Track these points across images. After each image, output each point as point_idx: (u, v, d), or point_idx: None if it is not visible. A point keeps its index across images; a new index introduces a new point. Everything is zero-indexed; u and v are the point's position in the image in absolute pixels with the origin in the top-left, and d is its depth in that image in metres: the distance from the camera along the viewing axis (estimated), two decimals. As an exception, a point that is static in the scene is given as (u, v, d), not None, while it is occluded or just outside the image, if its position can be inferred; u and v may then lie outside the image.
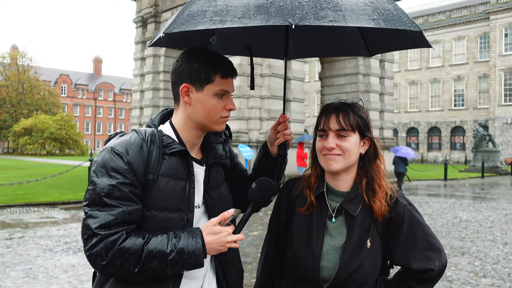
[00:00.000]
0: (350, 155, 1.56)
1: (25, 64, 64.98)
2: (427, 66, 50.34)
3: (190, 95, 1.51)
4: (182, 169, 1.50)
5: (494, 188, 20.30)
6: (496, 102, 44.01)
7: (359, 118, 1.58)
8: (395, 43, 1.90)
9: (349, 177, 1.62)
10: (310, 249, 1.56)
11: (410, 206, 1.61)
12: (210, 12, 1.36)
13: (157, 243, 1.37)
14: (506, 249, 7.54)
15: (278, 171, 1.78)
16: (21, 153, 56.38)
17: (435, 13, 50.82)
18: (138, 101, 25.05)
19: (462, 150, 47.30)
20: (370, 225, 1.57)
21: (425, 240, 1.58)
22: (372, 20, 1.35)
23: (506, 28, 43.89)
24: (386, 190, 1.60)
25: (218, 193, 1.62)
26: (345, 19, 1.32)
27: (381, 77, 23.32)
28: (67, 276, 5.64)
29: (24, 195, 13.62)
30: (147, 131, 1.51)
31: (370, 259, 1.54)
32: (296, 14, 1.28)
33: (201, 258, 1.40)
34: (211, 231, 1.43)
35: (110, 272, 1.38)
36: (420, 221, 1.60)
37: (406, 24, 1.42)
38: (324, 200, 1.62)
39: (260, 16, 1.29)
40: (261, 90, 18.38)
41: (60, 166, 27.40)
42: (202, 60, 1.50)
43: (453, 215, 11.52)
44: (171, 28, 1.44)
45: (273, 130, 1.79)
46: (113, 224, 1.35)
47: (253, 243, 7.64)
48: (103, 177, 1.38)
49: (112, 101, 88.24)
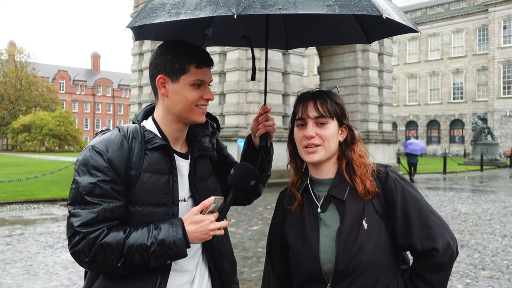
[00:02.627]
0: (329, 143, 1.54)
1: (23, 61, 64.78)
2: (426, 59, 50.27)
3: (167, 86, 1.52)
4: (164, 163, 1.51)
5: (493, 181, 20.35)
6: (495, 95, 44.01)
7: (336, 105, 1.56)
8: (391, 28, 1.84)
9: (332, 164, 1.59)
10: (307, 244, 1.53)
11: (402, 180, 1.55)
12: (169, 5, 1.38)
13: (137, 236, 1.38)
14: (505, 241, 7.57)
15: (260, 162, 1.77)
16: (20, 150, 56.35)
17: (434, 5, 50.67)
18: (137, 97, 25.01)
19: (461, 143, 47.35)
20: (363, 206, 1.51)
21: (423, 215, 1.49)
22: (326, 6, 1.29)
23: (505, 20, 43.80)
24: (366, 167, 1.55)
25: (205, 186, 1.62)
26: (295, 6, 1.26)
27: (380, 70, 23.27)
28: (67, 272, 5.65)
29: (23, 192, 13.63)
30: (130, 127, 1.52)
31: (371, 240, 1.47)
32: (241, 3, 1.26)
33: (183, 248, 1.40)
34: (192, 220, 1.43)
35: (94, 268, 1.42)
36: (414, 195, 1.52)
37: (365, 9, 1.30)
38: (310, 192, 1.59)
39: (209, 7, 1.30)
40: (260, 85, 18.34)
41: (59, 163, 27.39)
42: (176, 52, 1.52)
43: (452, 208, 11.54)
44: (133, 22, 1.48)
45: (255, 121, 1.79)
46: (94, 221, 1.37)
47: (253, 238, 7.66)
48: (84, 176, 1.40)
49: (111, 97, 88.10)
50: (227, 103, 18.60)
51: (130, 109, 26.05)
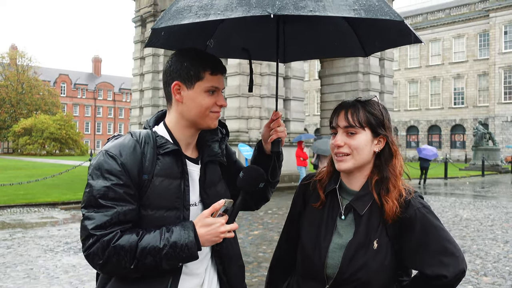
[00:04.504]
0: (359, 154, 1.53)
1: (24, 64, 64.94)
2: (427, 64, 50.33)
3: (182, 93, 1.55)
4: (176, 168, 1.54)
5: (494, 186, 20.31)
6: (496, 100, 44.00)
7: (370, 114, 1.55)
8: (389, 41, 1.90)
9: (363, 176, 1.59)
10: (318, 245, 1.56)
11: (424, 208, 1.53)
12: (196, 7, 1.41)
13: (150, 239, 1.40)
14: (507, 247, 7.54)
15: (272, 168, 1.78)
16: (21, 153, 56.36)
17: (435, 11, 50.79)
18: (138, 101, 25.04)
19: (462, 149, 47.30)
20: (378, 225, 1.52)
21: (439, 244, 1.50)
22: (353, 10, 1.37)
23: (506, 26, 43.87)
24: (401, 190, 1.53)
25: (215, 191, 1.65)
26: (325, 9, 1.33)
27: (381, 75, 23.30)
28: (68, 276, 5.63)
29: (24, 195, 13.62)
30: (142, 132, 1.55)
31: (377, 260, 1.50)
32: (276, 4, 1.30)
33: (194, 251, 1.43)
34: (203, 223, 1.46)
35: (108, 270, 1.44)
36: (434, 224, 1.52)
37: (387, 14, 1.42)
38: (337, 197, 1.61)
39: (241, 8, 1.33)
40: (261, 89, 18.36)
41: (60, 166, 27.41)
42: (192, 59, 1.55)
43: (454, 213, 11.52)
44: (159, 23, 1.49)
45: (266, 127, 1.81)
46: (108, 224, 1.39)
47: (253, 243, 7.64)
48: (98, 179, 1.43)
49: (112, 101, 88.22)
50: (228, 107, 18.60)
51: (131, 113, 26.07)
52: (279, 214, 10.81)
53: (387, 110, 1.63)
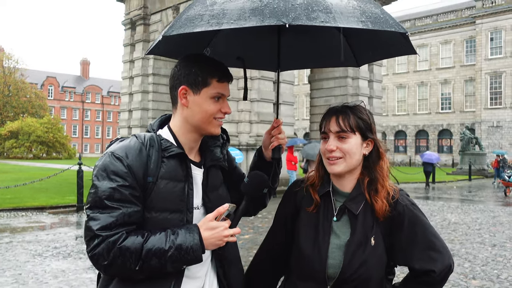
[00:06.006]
0: (351, 157, 1.60)
1: (11, 66, 64.15)
2: (415, 70, 50.83)
3: (188, 97, 1.58)
4: (180, 171, 1.55)
5: (481, 191, 20.56)
6: (482, 106, 44.57)
7: (359, 119, 1.62)
8: (381, 51, 2.00)
9: (353, 178, 1.65)
10: (317, 247, 1.60)
11: (412, 205, 1.63)
12: (207, 16, 1.43)
13: (155, 240, 1.41)
14: (494, 250, 7.64)
15: (273, 175, 1.81)
16: (7, 156, 55.50)
17: (422, 17, 51.35)
18: (127, 104, 24.87)
19: (449, 153, 47.78)
20: (373, 224, 1.59)
21: (427, 239, 1.58)
22: (360, 22, 1.42)
23: (492, 32, 44.52)
24: (388, 190, 1.61)
25: (217, 195, 1.67)
26: (335, 20, 1.38)
27: (370, 80, 23.46)
28: (58, 281, 5.57)
29: (11, 199, 13.44)
30: (146, 135, 1.56)
31: (375, 256, 1.57)
32: (290, 15, 1.35)
33: (199, 254, 1.45)
34: (208, 226, 1.47)
35: (112, 272, 1.43)
36: (421, 220, 1.61)
37: (393, 26, 1.50)
38: (330, 199, 1.66)
39: (255, 18, 1.36)
40: (251, 93, 18.34)
41: (47, 170, 27.08)
42: (200, 65, 1.58)
43: (442, 217, 11.63)
44: (170, 31, 1.50)
45: (267, 134, 1.84)
46: (113, 225, 1.40)
47: (244, 247, 7.63)
48: (104, 180, 1.43)
49: (100, 104, 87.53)
50: (218, 111, 18.56)
51: (120, 116, 25.88)
52: (269, 218, 10.82)
53: (372, 114, 1.70)
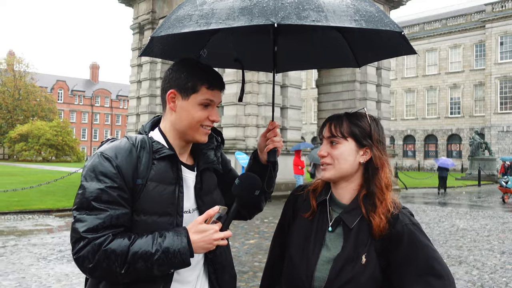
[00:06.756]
0: (340, 163, 1.54)
1: (22, 70, 64.74)
2: (424, 74, 50.55)
3: (176, 102, 1.55)
4: (171, 173, 1.52)
5: (490, 196, 20.31)
6: (492, 110, 44.18)
7: (354, 126, 1.55)
8: (381, 52, 1.93)
9: (350, 188, 1.57)
10: (306, 258, 1.54)
11: (413, 225, 1.49)
12: (196, 16, 1.40)
13: (142, 243, 1.37)
14: (503, 258, 7.51)
15: (268, 178, 1.77)
16: (17, 159, 56.05)
17: (431, 21, 51.10)
18: (135, 108, 25.01)
19: (458, 158, 47.35)
20: (367, 240, 1.48)
21: (427, 263, 1.43)
22: (354, 20, 1.37)
23: (502, 37, 44.16)
24: (388, 205, 1.50)
25: (211, 198, 1.63)
26: (327, 19, 1.34)
27: (378, 84, 23.35)
28: (61, 285, 5.56)
29: (18, 202, 13.51)
30: (138, 137, 1.54)
31: (365, 275, 1.46)
32: (279, 14, 1.30)
33: (187, 257, 1.40)
34: (197, 229, 1.43)
35: (97, 275, 1.40)
36: (422, 242, 1.47)
37: (388, 25, 1.45)
38: (326, 209, 1.60)
39: (244, 17, 1.33)
40: (258, 97, 18.35)
41: (56, 173, 27.26)
42: (191, 70, 1.55)
43: (450, 223, 11.49)
44: (158, 32, 1.48)
45: (263, 137, 1.81)
46: (100, 227, 1.36)
47: (249, 252, 7.58)
48: (92, 181, 1.40)
49: (109, 108, 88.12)
50: (225, 115, 18.60)
51: (128, 120, 26.02)
52: (275, 223, 10.74)
53: (378, 122, 1.60)
